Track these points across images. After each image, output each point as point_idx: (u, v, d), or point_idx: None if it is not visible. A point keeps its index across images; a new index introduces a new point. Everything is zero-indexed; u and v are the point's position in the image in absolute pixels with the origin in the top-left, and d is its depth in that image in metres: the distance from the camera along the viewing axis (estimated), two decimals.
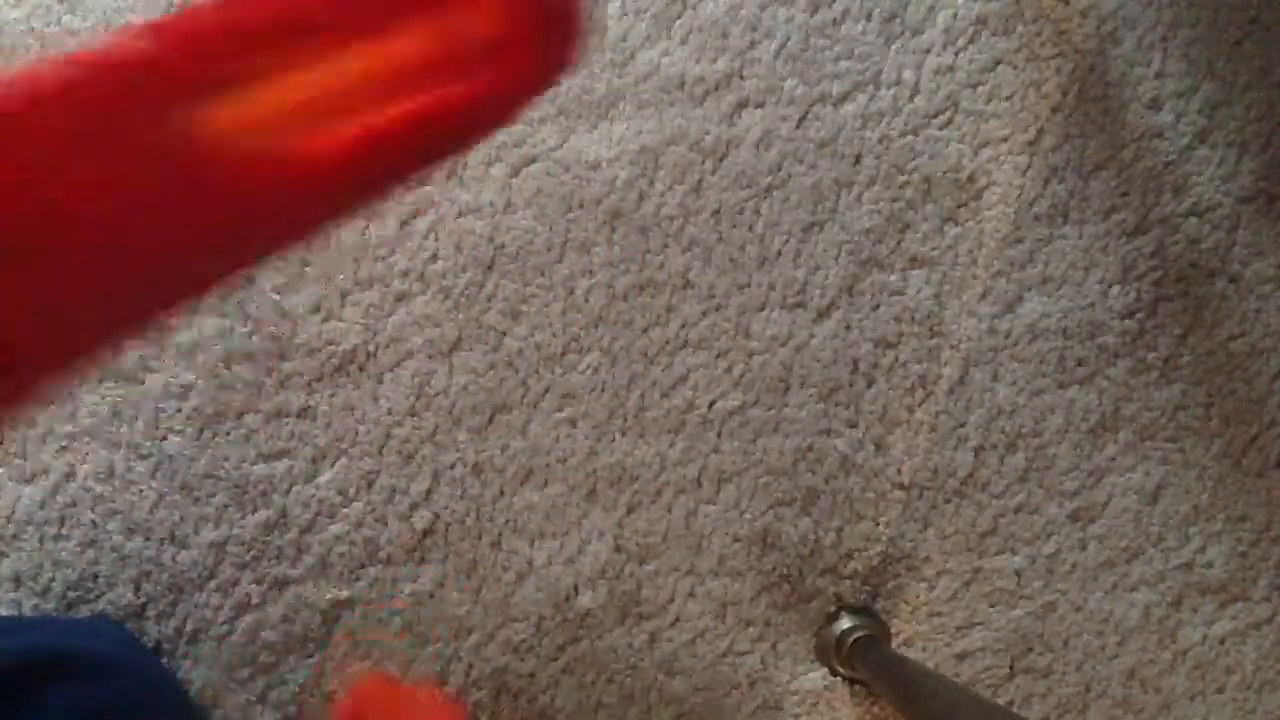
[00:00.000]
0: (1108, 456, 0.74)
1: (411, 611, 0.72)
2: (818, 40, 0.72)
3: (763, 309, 0.72)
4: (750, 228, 0.72)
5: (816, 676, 0.73)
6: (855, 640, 0.69)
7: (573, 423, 0.71)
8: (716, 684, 0.73)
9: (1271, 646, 0.76)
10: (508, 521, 0.71)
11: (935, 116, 0.72)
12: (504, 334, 0.71)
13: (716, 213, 0.72)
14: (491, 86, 0.29)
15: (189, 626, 0.69)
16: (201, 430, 0.69)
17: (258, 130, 0.26)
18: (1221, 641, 0.76)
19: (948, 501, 0.74)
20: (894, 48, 0.72)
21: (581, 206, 0.71)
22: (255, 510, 0.69)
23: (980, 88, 0.72)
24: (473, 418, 0.71)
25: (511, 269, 0.71)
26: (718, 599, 0.73)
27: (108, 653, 0.61)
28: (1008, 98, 0.73)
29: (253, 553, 0.69)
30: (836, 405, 0.73)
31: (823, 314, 0.72)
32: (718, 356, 0.72)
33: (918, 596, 0.74)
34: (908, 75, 0.72)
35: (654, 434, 0.72)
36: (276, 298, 0.69)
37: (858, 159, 0.72)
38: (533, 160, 0.71)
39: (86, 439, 0.68)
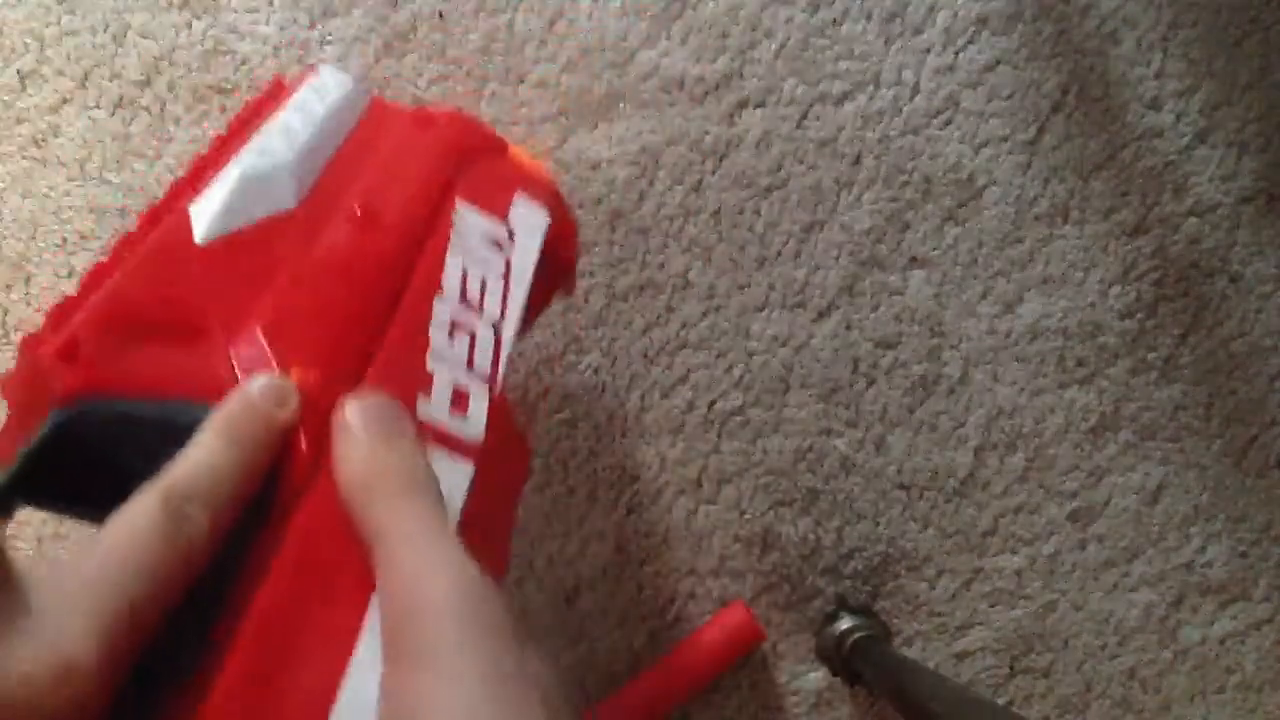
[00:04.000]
0: (1108, 456, 0.74)
1: None
2: (818, 40, 0.72)
3: (763, 309, 0.72)
4: (750, 228, 0.72)
5: (816, 676, 0.73)
6: (855, 640, 0.69)
7: (573, 423, 0.71)
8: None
9: (1271, 646, 0.76)
10: None
11: (935, 116, 0.72)
12: None
13: (716, 213, 0.72)
14: None
15: None
16: None
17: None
18: (1221, 641, 0.76)
19: (948, 501, 0.74)
20: (894, 48, 0.72)
21: (581, 206, 0.71)
22: None
23: (980, 88, 0.72)
24: None
25: None
26: (718, 599, 0.73)
27: None
28: (1008, 97, 0.73)
29: None
30: (836, 405, 0.73)
31: (823, 314, 0.72)
32: (718, 356, 0.72)
33: (918, 596, 0.74)
34: (908, 75, 0.72)
35: (654, 434, 0.72)
36: None
37: (858, 159, 0.72)
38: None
39: None
